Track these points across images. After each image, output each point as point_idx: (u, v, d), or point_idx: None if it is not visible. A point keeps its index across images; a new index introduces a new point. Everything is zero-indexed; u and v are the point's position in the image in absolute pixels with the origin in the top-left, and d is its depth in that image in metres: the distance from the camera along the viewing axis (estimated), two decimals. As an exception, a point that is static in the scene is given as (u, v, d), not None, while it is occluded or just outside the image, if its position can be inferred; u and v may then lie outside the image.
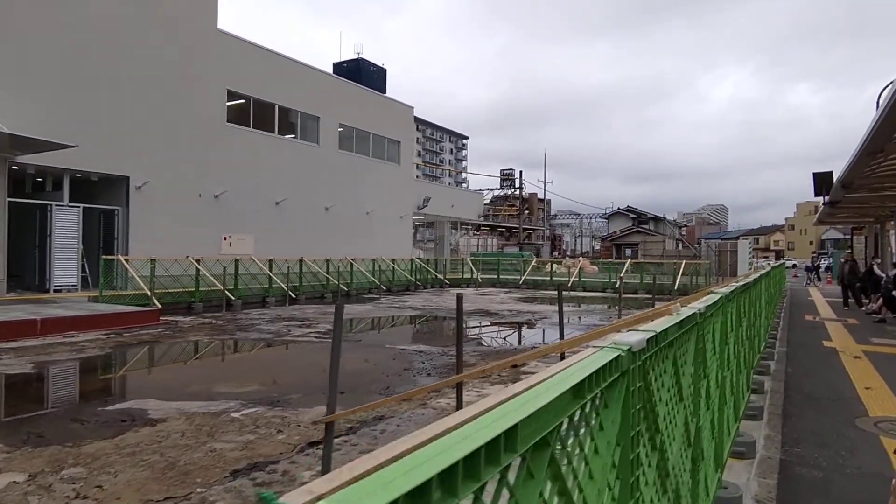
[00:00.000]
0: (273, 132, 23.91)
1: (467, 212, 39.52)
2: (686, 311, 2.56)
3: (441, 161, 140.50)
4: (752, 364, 6.96)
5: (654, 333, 1.85)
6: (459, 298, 5.27)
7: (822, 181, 15.04)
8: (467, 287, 28.50)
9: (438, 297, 22.92)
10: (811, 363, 8.45)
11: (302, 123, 25.45)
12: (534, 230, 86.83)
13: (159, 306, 14.26)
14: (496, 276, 29.41)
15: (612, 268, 27.63)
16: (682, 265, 25.72)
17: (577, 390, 1.19)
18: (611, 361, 1.42)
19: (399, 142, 31.61)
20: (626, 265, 27.11)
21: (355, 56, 37.89)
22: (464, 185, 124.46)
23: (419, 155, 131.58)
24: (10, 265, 16.12)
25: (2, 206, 15.54)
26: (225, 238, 21.71)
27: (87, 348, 9.69)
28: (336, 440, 5.17)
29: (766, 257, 66.96)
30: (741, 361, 5.48)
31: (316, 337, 11.56)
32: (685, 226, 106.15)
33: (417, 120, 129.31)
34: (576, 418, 1.21)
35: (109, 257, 17.08)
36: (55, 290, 16.67)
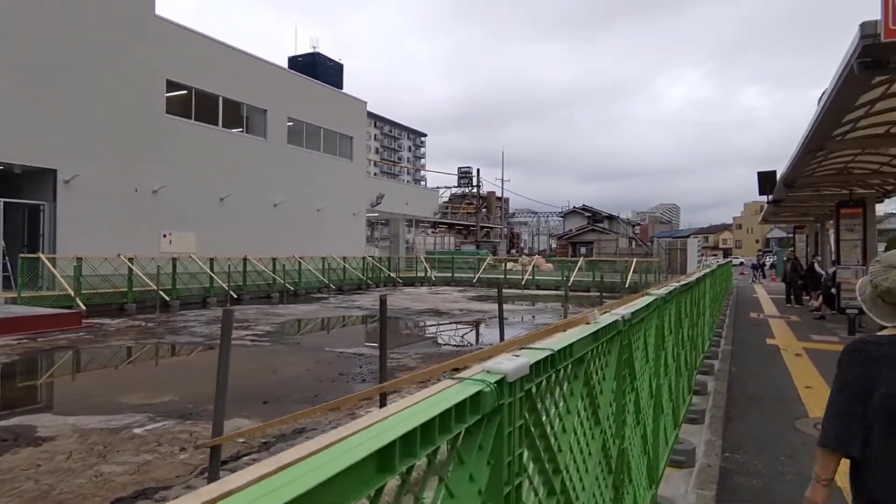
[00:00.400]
0: (217, 125, 22.89)
1: (423, 209, 39.07)
2: (607, 319, 2.21)
3: (399, 158, 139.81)
4: (695, 365, 6.78)
5: (549, 353, 1.47)
6: (383, 302, 4.85)
7: (766, 180, 15.24)
8: (421, 286, 28.09)
9: (390, 296, 22.42)
10: (754, 361, 8.39)
11: (248, 116, 24.49)
12: (492, 228, 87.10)
13: (83, 308, 13.31)
14: (450, 275, 29.09)
15: (566, 266, 27.70)
16: (633, 263, 25.97)
17: (384, 457, 0.78)
18: (463, 402, 1.02)
19: (352, 137, 30.90)
20: (580, 263, 27.21)
21: (311, 50, 36.84)
22: (422, 182, 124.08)
23: (377, 152, 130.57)
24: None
25: None
26: (164, 235, 20.63)
27: (-9, 355, 8.83)
28: (246, 458, 4.68)
29: (715, 255, 68.95)
30: (681, 364, 5.24)
31: (251, 340, 10.93)
32: (638, 224, 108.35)
33: (375, 117, 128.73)
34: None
35: (29, 256, 15.91)
36: (-29, 292, 15.41)
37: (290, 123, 26.61)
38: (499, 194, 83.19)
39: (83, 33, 17.87)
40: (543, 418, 1.44)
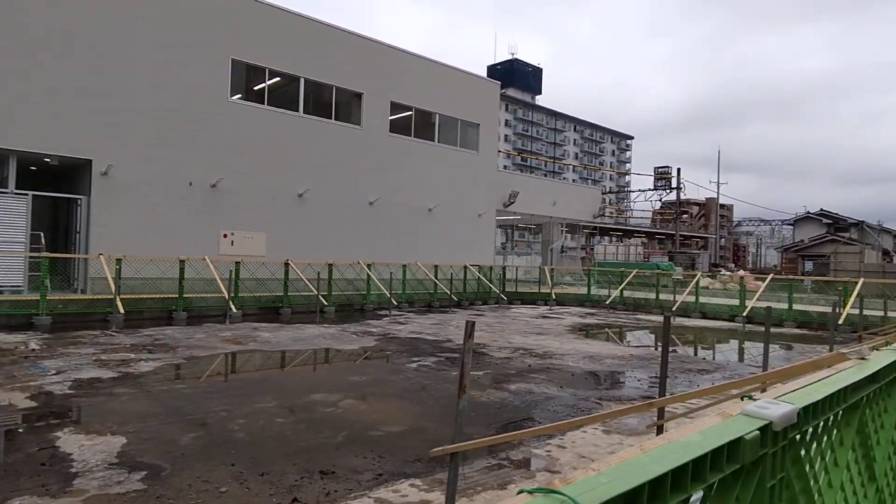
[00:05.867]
0: (297, 111, 20.03)
1: (576, 211, 32.49)
2: (885, 357, 1.86)
3: (601, 163, 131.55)
4: None
5: (819, 397, 1.33)
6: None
7: None
8: (545, 304, 22.06)
9: (481, 318, 17.10)
10: None
11: (339, 100, 21.28)
12: (701, 237, 74.95)
13: (122, 313, 10.71)
14: (585, 293, 22.46)
15: (784, 286, 18.75)
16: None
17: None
18: (720, 448, 0.94)
19: (478, 124, 26.10)
20: (807, 285, 18.42)
21: (510, 57, 33.50)
22: (627, 187, 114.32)
23: (575, 157, 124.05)
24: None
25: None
26: (225, 235, 18.20)
27: None
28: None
29: None
30: None
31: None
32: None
33: (574, 120, 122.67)
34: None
35: (41, 255, 14.21)
36: (-6, 291, 14.23)
37: (395, 108, 22.86)
38: (699, 201, 71.25)
39: (130, 8, 16.14)
40: (807, 470, 1.36)
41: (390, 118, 22.78)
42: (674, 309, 18.18)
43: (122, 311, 12.64)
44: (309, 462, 4.75)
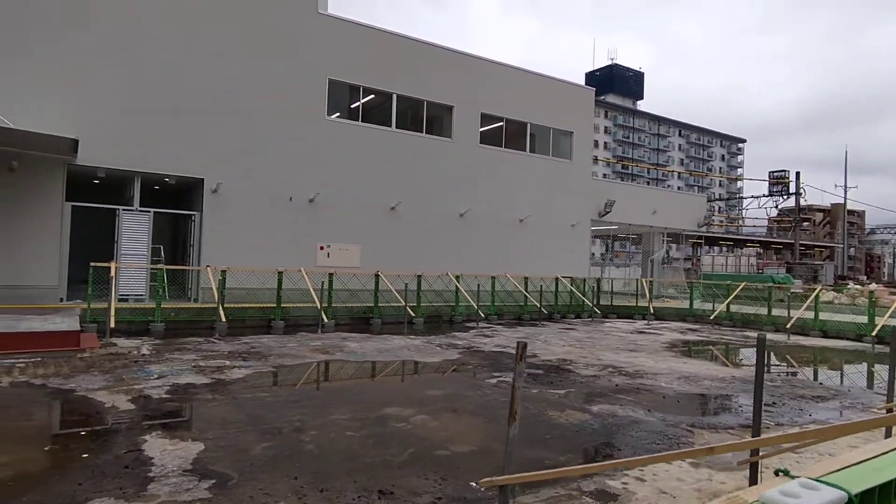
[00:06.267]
0: (389, 126, 20.56)
1: (678, 219, 30.59)
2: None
3: (709, 169, 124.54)
4: None
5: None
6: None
7: None
8: (642, 318, 20.92)
9: (568, 333, 16.56)
10: None
11: (430, 114, 21.60)
12: (826, 247, 68.56)
13: (223, 320, 12.42)
14: (688, 307, 21.04)
15: None
16: None
17: None
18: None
19: (571, 132, 25.45)
20: None
21: (609, 63, 33.10)
22: (738, 194, 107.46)
23: (681, 163, 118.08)
24: (76, 272, 15.74)
25: (60, 210, 15.16)
26: (321, 248, 19.00)
27: None
28: None
29: None
30: None
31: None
32: None
33: (679, 124, 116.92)
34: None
35: (160, 267, 15.52)
36: (121, 299, 15.73)
37: (485, 119, 22.83)
38: (824, 206, 65.56)
39: (237, 35, 17.39)
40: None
41: (481, 130, 22.79)
42: (788, 326, 16.51)
43: (223, 319, 13.48)
44: (370, 480, 4.70)
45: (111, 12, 15.57)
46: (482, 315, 18.09)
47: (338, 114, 19.73)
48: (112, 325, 11.86)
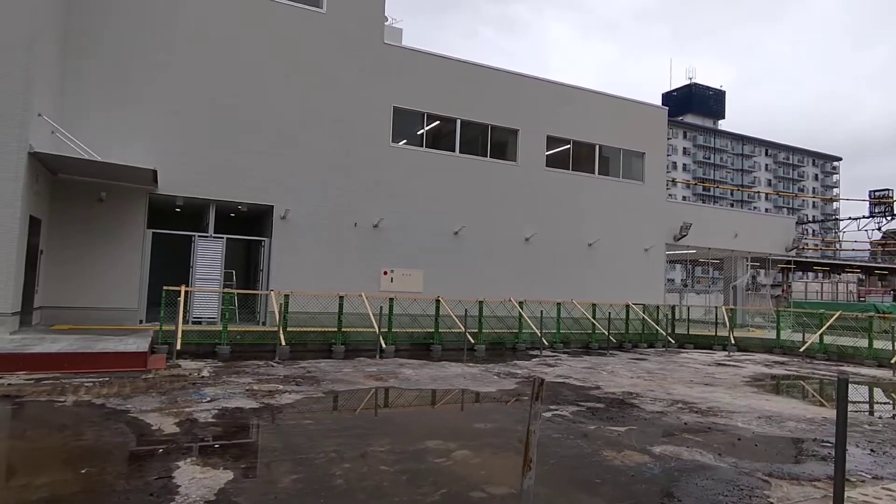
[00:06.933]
0: (453, 151, 20.56)
1: (762, 243, 28.48)
2: None
3: (800, 189, 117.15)
4: None
5: None
6: None
7: None
8: (723, 349, 19.43)
9: (638, 363, 15.60)
10: None
11: (493, 138, 21.42)
12: (940, 274, 62.11)
13: (283, 344, 12.22)
14: (775, 339, 19.33)
15: None
16: None
17: None
18: None
19: (643, 153, 24.47)
20: None
21: (687, 82, 32.29)
22: (835, 215, 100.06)
23: (768, 184, 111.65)
24: (156, 295, 16.58)
25: (141, 237, 16.08)
26: (385, 273, 19.09)
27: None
28: None
29: None
30: None
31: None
32: None
33: (766, 143, 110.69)
34: None
35: (230, 290, 16.06)
36: (194, 322, 16.43)
37: (551, 143, 22.38)
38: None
39: (305, 68, 18.03)
40: None
41: (547, 153, 22.36)
42: (894, 361, 14.75)
43: (283, 342, 13.67)
44: (393, 522, 4.38)
45: (191, 55, 16.57)
46: (546, 343, 17.42)
47: (403, 140, 19.95)
48: (179, 346, 12.27)
